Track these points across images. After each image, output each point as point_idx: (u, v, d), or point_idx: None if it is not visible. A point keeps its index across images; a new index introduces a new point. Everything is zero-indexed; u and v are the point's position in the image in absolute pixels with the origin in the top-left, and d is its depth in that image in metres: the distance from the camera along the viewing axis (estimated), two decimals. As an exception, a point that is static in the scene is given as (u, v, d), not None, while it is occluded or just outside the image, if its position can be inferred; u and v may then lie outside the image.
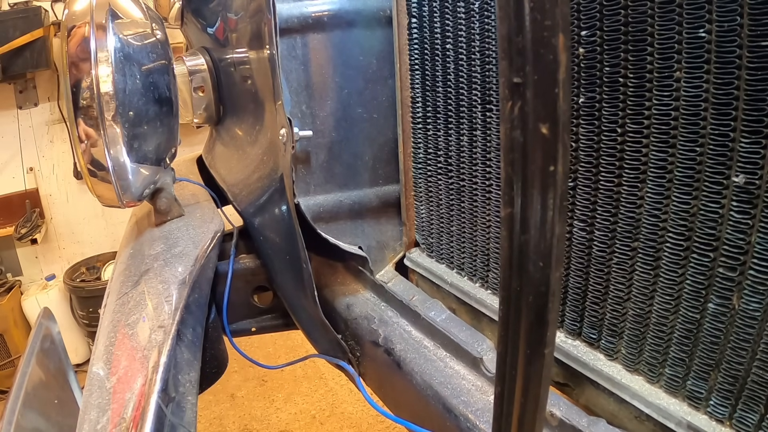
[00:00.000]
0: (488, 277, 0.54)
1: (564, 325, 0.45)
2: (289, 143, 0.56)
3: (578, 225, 0.42)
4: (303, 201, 0.61)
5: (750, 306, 0.32)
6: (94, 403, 0.45)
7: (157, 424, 0.42)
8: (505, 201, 0.21)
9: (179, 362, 0.50)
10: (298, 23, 0.58)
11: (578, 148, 0.40)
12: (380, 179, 0.64)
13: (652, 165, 0.35)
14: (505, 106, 0.20)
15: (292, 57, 0.59)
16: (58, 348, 0.62)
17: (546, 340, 0.22)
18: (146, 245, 0.66)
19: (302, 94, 0.60)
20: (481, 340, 0.51)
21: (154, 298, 0.55)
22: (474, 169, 0.52)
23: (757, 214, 0.30)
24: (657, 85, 0.34)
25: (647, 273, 0.38)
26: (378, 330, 0.59)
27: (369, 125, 0.62)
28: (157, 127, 0.62)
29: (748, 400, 0.33)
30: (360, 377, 0.60)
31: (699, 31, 0.31)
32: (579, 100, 0.39)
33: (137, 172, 0.61)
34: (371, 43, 0.60)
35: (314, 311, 0.62)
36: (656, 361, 0.38)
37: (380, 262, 0.66)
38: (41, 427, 0.52)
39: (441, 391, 0.49)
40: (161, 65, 0.62)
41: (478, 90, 0.49)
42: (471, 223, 0.54)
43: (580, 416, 0.40)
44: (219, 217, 0.72)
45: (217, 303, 0.68)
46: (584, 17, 0.37)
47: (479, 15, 0.47)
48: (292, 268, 0.61)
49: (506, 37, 0.19)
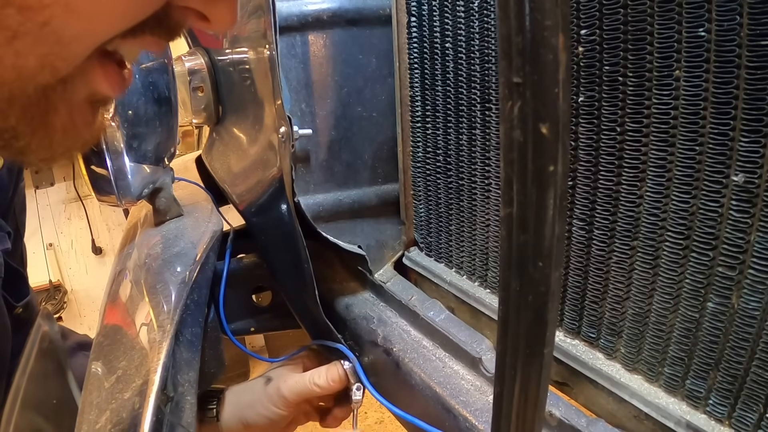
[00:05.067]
0: (487, 277, 0.54)
1: (563, 324, 0.45)
2: (288, 142, 0.56)
3: (577, 224, 0.42)
4: (302, 200, 0.61)
5: (749, 305, 0.32)
6: (93, 403, 0.45)
7: (155, 424, 0.42)
8: (505, 201, 0.21)
9: (178, 362, 0.50)
10: (297, 22, 0.58)
11: (577, 147, 0.40)
12: (379, 178, 0.64)
13: (651, 164, 0.35)
14: (505, 106, 0.20)
15: (292, 56, 0.59)
16: (56, 348, 0.62)
17: (545, 339, 0.22)
18: (145, 245, 0.66)
19: (302, 93, 0.60)
20: (480, 340, 0.51)
21: (153, 297, 0.55)
22: (473, 169, 0.52)
23: (757, 213, 0.30)
24: (656, 84, 0.34)
25: (646, 272, 0.38)
26: (377, 330, 0.59)
27: (368, 124, 0.62)
28: (156, 127, 0.62)
29: (748, 400, 0.33)
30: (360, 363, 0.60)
31: (698, 30, 0.31)
32: (579, 99, 0.39)
33: (136, 171, 0.61)
34: (371, 41, 0.60)
35: (315, 310, 0.62)
36: (655, 360, 0.38)
37: (379, 262, 0.66)
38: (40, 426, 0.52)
39: (440, 391, 0.49)
40: (160, 65, 0.61)
41: (477, 89, 0.49)
42: (470, 223, 0.54)
43: (579, 416, 0.40)
44: (218, 217, 0.72)
45: (216, 303, 0.68)
46: (584, 16, 0.37)
47: (479, 14, 0.47)
48: (293, 267, 0.61)
49: (506, 37, 0.19)
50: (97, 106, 0.30)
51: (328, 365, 0.62)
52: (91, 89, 0.28)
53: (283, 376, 0.64)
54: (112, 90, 0.29)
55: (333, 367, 0.61)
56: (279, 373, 0.65)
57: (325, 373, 0.61)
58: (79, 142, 0.30)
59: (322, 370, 0.62)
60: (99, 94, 0.29)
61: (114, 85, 0.29)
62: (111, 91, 0.29)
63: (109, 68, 0.28)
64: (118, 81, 0.29)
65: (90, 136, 0.31)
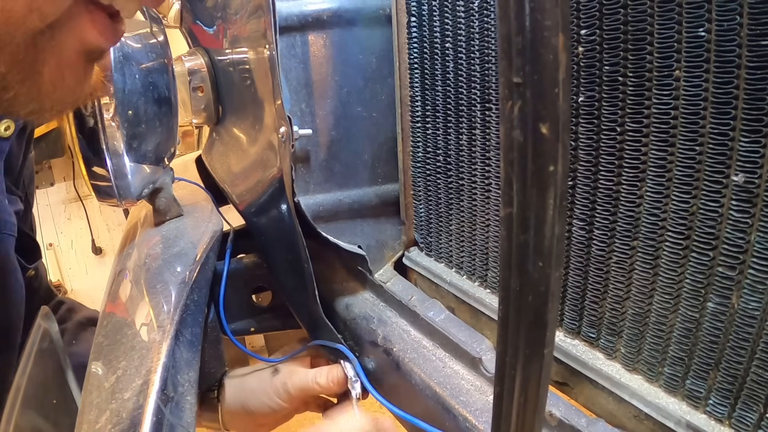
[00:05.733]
0: (487, 277, 0.54)
1: (563, 324, 0.45)
2: (288, 142, 0.56)
3: (577, 224, 0.42)
4: (302, 200, 0.61)
5: (749, 305, 0.32)
6: (93, 403, 0.45)
7: (155, 424, 0.42)
8: (505, 200, 0.21)
9: (178, 362, 0.50)
10: (297, 22, 0.58)
11: (577, 147, 0.40)
12: (379, 178, 0.64)
13: (651, 164, 0.35)
14: (505, 106, 0.20)
15: (292, 56, 0.59)
16: (56, 348, 0.62)
17: (545, 340, 0.22)
18: (145, 245, 0.66)
19: (302, 93, 0.60)
20: (480, 340, 0.51)
21: (153, 297, 0.55)
22: (473, 169, 0.52)
23: (757, 213, 0.30)
24: (656, 84, 0.34)
25: (646, 272, 0.38)
26: (377, 330, 0.59)
27: (368, 124, 0.62)
28: (156, 127, 0.62)
29: (748, 399, 0.33)
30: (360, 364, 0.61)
31: (698, 30, 0.31)
32: (579, 99, 0.39)
33: (136, 171, 0.61)
34: (371, 41, 0.60)
35: (315, 310, 0.62)
36: (655, 360, 0.38)
37: (379, 262, 0.66)
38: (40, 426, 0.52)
39: (440, 391, 0.49)
40: (160, 65, 0.61)
41: (477, 89, 0.49)
42: (470, 222, 0.54)
43: (579, 416, 0.40)
44: (218, 217, 0.72)
45: (216, 303, 0.68)
46: (584, 16, 0.37)
47: (479, 14, 0.47)
48: (293, 267, 0.61)
49: (506, 37, 0.19)
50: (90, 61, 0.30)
51: (331, 366, 0.63)
52: (79, 37, 0.28)
53: (289, 370, 0.65)
54: (101, 38, 0.28)
55: (335, 369, 0.62)
56: (286, 366, 0.67)
57: (327, 374, 0.62)
58: (69, 97, 0.30)
59: (325, 370, 0.63)
60: (89, 43, 0.28)
61: (102, 33, 0.28)
62: (100, 40, 0.28)
63: (97, 15, 0.28)
64: (108, 29, 0.28)
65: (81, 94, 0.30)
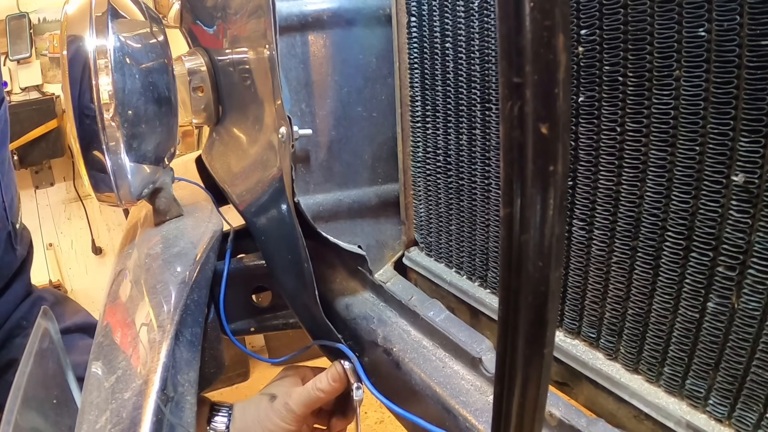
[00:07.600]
0: (487, 277, 0.54)
1: (563, 324, 0.45)
2: (288, 142, 0.56)
3: (577, 224, 0.42)
4: (302, 200, 0.61)
5: (749, 305, 0.32)
6: (93, 403, 0.45)
7: (155, 424, 0.42)
8: (505, 201, 0.21)
9: (178, 362, 0.50)
10: (297, 22, 0.58)
11: (577, 147, 0.40)
12: (379, 178, 0.64)
13: (651, 164, 0.35)
14: (505, 106, 0.20)
15: (292, 56, 0.59)
16: (56, 348, 0.62)
17: (545, 340, 0.22)
18: (145, 245, 0.66)
19: (302, 93, 0.60)
20: (480, 340, 0.51)
21: (153, 297, 0.55)
22: (473, 169, 0.52)
23: (757, 213, 0.30)
24: (656, 84, 0.34)
25: (646, 272, 0.38)
26: (377, 330, 0.59)
27: (368, 124, 0.62)
28: (156, 127, 0.61)
29: (748, 399, 0.33)
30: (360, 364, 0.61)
31: (698, 30, 0.31)
32: (579, 99, 0.39)
33: (136, 171, 0.61)
34: (371, 41, 0.60)
35: (315, 310, 0.62)
36: (655, 360, 0.38)
37: (379, 262, 0.66)
38: (40, 426, 0.52)
39: (440, 391, 0.49)
40: (160, 65, 0.61)
41: (477, 89, 0.49)
42: (470, 222, 0.54)
43: (579, 416, 0.40)
44: (218, 217, 0.72)
45: (216, 303, 0.68)
46: (584, 16, 0.37)
47: (479, 14, 0.47)
48: (293, 267, 0.61)
49: (506, 37, 0.19)
50: None
51: (326, 370, 0.63)
52: None
53: (287, 391, 0.64)
54: None
55: (332, 368, 0.62)
56: (281, 389, 0.66)
57: (326, 376, 0.62)
58: None
59: (321, 375, 0.63)
60: None
61: None
62: None
63: None
64: None
65: None
